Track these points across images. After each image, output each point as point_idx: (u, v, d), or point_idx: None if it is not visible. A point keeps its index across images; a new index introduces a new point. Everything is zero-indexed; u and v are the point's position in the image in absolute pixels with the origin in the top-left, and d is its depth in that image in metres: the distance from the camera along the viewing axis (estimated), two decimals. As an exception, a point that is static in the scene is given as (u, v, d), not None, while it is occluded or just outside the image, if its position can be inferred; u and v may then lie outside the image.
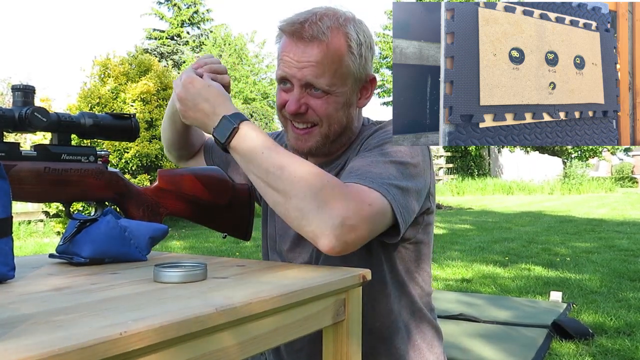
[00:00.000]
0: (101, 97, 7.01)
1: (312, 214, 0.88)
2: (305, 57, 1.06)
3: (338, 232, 0.87)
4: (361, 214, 0.90)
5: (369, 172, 0.98)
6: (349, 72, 1.09)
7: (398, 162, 1.02)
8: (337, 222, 0.87)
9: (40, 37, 79.22)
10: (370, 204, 0.92)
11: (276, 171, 0.92)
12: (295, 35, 1.07)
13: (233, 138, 0.95)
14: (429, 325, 1.19)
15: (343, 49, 1.08)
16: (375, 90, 1.22)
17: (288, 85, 1.10)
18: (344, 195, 0.90)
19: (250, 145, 0.95)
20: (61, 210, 7.10)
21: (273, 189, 0.92)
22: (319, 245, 0.89)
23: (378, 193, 0.93)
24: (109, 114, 0.97)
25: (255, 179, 0.95)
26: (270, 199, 0.94)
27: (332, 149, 1.16)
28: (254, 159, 0.94)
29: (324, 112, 1.09)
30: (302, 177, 0.91)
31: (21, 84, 0.88)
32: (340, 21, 1.09)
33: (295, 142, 1.14)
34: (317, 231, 0.88)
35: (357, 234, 0.89)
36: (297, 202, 0.89)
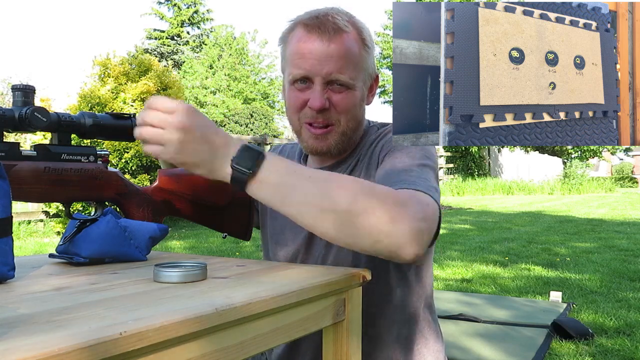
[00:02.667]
0: (101, 97, 7.01)
1: (388, 226, 0.79)
2: (329, 50, 1.04)
3: (418, 238, 0.81)
4: (426, 215, 0.86)
5: (409, 177, 0.97)
6: (365, 67, 1.10)
7: (427, 165, 1.02)
8: (415, 226, 0.81)
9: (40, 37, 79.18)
10: (428, 204, 0.89)
11: (331, 193, 0.80)
12: (319, 28, 1.05)
13: (260, 167, 0.80)
14: (430, 326, 1.19)
15: (360, 42, 1.08)
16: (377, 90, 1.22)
17: (306, 83, 1.07)
18: (407, 200, 0.86)
19: (286, 170, 0.81)
20: (61, 210, 7.10)
21: (331, 213, 0.79)
22: (403, 255, 0.81)
23: (427, 195, 0.92)
24: (109, 113, 0.97)
25: (303, 210, 0.81)
26: (327, 226, 0.80)
27: (347, 147, 1.15)
28: (298, 185, 0.80)
29: (345, 107, 1.08)
30: (361, 191, 0.81)
31: (21, 84, 0.88)
32: (352, 16, 1.10)
33: (314, 142, 1.11)
34: (398, 242, 0.80)
35: (429, 235, 0.85)
36: (364, 220, 0.79)
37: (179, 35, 28.42)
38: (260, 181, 0.80)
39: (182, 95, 7.74)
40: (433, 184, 0.97)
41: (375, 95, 1.19)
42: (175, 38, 28.46)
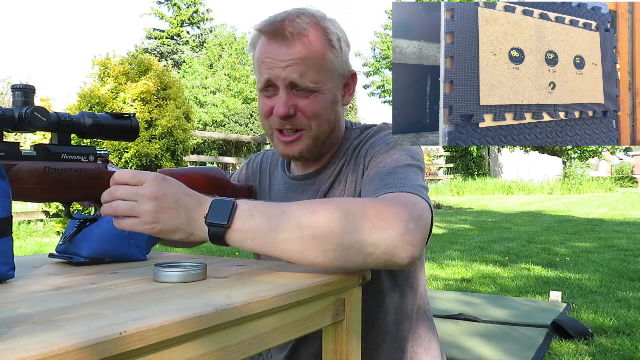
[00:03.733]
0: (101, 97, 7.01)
1: (375, 237, 0.78)
2: (289, 55, 1.03)
3: (409, 237, 0.79)
4: (414, 215, 0.83)
5: (394, 179, 0.95)
6: (333, 68, 1.07)
7: (413, 166, 1.00)
8: (403, 229, 0.79)
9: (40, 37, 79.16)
10: (415, 203, 0.86)
11: (309, 221, 0.79)
12: (276, 34, 1.04)
13: (235, 216, 0.79)
14: (425, 327, 1.19)
15: (325, 44, 1.06)
16: (355, 87, 1.19)
17: (271, 90, 1.07)
18: (388, 205, 0.83)
19: (260, 213, 0.80)
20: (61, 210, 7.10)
21: (315, 239, 0.78)
22: (398, 260, 0.79)
23: (413, 194, 0.90)
24: (109, 113, 0.97)
25: (287, 247, 0.79)
26: (314, 254, 0.79)
27: (322, 151, 1.14)
28: (276, 224, 0.79)
29: (313, 112, 1.06)
30: (339, 209, 0.79)
31: (21, 84, 0.88)
32: (317, 17, 1.07)
33: (284, 148, 1.10)
34: (388, 249, 0.78)
35: (422, 234, 0.82)
36: (349, 238, 0.77)
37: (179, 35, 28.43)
38: (237, 231, 0.79)
39: (182, 95, 7.73)
40: (419, 183, 0.95)
41: (353, 94, 1.17)
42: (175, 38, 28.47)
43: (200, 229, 0.80)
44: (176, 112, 7.23)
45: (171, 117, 7.13)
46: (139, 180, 0.80)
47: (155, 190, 0.79)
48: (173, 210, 0.79)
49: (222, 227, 0.78)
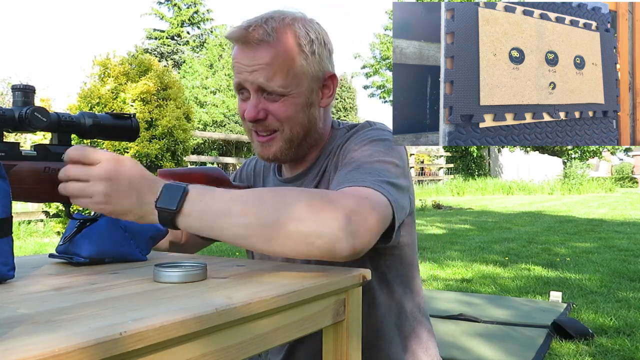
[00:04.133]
0: (101, 97, 7.01)
1: (317, 226, 0.78)
2: (255, 60, 1.04)
3: (351, 229, 0.79)
4: (364, 207, 0.83)
5: (357, 174, 0.94)
6: (303, 71, 1.07)
7: (385, 162, 0.99)
8: (345, 220, 0.79)
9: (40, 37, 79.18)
10: (367, 196, 0.86)
11: (255, 208, 0.80)
12: (242, 41, 1.05)
13: (185, 201, 0.79)
14: (422, 328, 1.18)
15: (293, 48, 1.06)
16: (336, 88, 1.18)
17: (245, 93, 1.09)
18: (337, 197, 0.84)
19: (209, 197, 0.80)
20: (61, 210, 7.10)
21: (260, 227, 0.79)
22: (338, 252, 0.79)
23: (372, 189, 0.89)
24: (109, 113, 0.97)
25: (232, 231, 0.80)
26: (259, 240, 0.80)
27: (299, 153, 1.14)
28: (221, 207, 0.79)
29: (284, 116, 1.07)
30: (286, 199, 0.81)
31: (21, 84, 0.88)
32: (287, 21, 1.07)
33: (260, 150, 1.12)
34: (329, 239, 0.78)
35: (368, 227, 0.82)
36: (293, 226, 0.78)
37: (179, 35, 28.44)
38: (185, 214, 0.79)
39: (182, 95, 7.73)
40: (385, 178, 0.93)
41: (333, 95, 1.16)
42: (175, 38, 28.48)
43: (150, 212, 0.81)
44: (176, 112, 7.23)
45: (171, 117, 7.13)
46: (92, 160, 0.80)
47: (108, 171, 0.79)
48: (125, 193, 0.79)
49: (172, 212, 0.79)
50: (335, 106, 36.14)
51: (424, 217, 9.24)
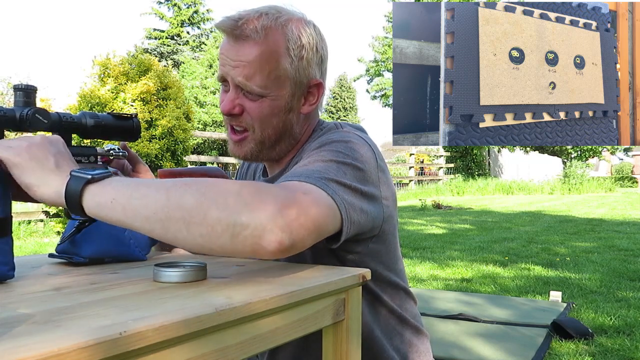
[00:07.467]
0: (101, 97, 7.01)
1: (244, 217, 0.72)
2: (238, 56, 1.01)
3: (281, 222, 0.73)
4: (299, 201, 0.77)
5: (302, 171, 0.89)
6: (286, 75, 1.03)
7: (340, 162, 0.93)
8: (275, 212, 0.73)
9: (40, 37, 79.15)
10: (305, 192, 0.80)
11: (175, 195, 0.73)
12: (230, 33, 1.01)
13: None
14: (411, 329, 1.15)
15: (280, 50, 1.02)
16: (322, 97, 1.12)
17: (227, 85, 1.05)
18: (271, 188, 0.77)
19: (123, 184, 0.75)
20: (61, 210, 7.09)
21: (180, 209, 0.72)
22: (265, 244, 0.73)
23: (313, 185, 0.83)
24: (111, 114, 0.97)
25: (151, 219, 0.73)
26: (177, 226, 0.72)
27: (272, 155, 1.11)
28: (135, 194, 0.73)
29: (258, 116, 1.04)
30: (212, 188, 0.75)
31: (22, 84, 0.88)
32: (280, 21, 1.03)
33: (233, 147, 1.10)
34: (256, 231, 0.72)
35: (301, 223, 0.75)
36: (216, 214, 0.72)
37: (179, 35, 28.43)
38: (98, 184, 0.75)
39: (181, 95, 7.73)
40: (332, 177, 0.87)
41: (316, 103, 1.10)
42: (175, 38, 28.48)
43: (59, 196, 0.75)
44: (176, 112, 7.23)
45: (171, 117, 7.13)
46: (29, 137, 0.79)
47: (43, 138, 0.78)
48: (43, 156, 0.76)
49: (84, 179, 0.74)
50: (335, 106, 36.05)
51: (424, 217, 9.24)
